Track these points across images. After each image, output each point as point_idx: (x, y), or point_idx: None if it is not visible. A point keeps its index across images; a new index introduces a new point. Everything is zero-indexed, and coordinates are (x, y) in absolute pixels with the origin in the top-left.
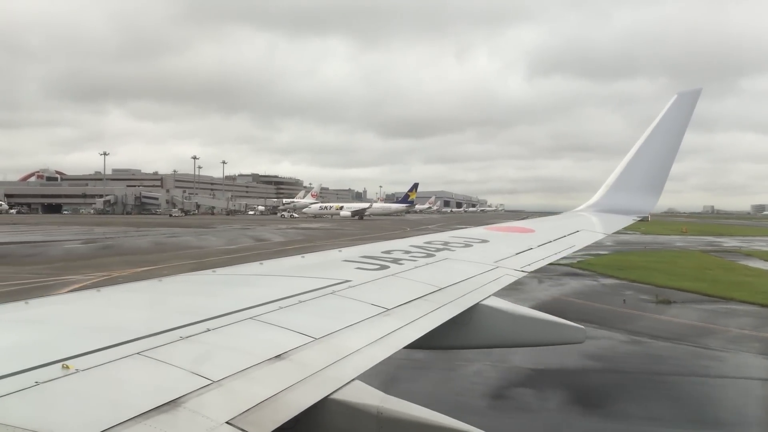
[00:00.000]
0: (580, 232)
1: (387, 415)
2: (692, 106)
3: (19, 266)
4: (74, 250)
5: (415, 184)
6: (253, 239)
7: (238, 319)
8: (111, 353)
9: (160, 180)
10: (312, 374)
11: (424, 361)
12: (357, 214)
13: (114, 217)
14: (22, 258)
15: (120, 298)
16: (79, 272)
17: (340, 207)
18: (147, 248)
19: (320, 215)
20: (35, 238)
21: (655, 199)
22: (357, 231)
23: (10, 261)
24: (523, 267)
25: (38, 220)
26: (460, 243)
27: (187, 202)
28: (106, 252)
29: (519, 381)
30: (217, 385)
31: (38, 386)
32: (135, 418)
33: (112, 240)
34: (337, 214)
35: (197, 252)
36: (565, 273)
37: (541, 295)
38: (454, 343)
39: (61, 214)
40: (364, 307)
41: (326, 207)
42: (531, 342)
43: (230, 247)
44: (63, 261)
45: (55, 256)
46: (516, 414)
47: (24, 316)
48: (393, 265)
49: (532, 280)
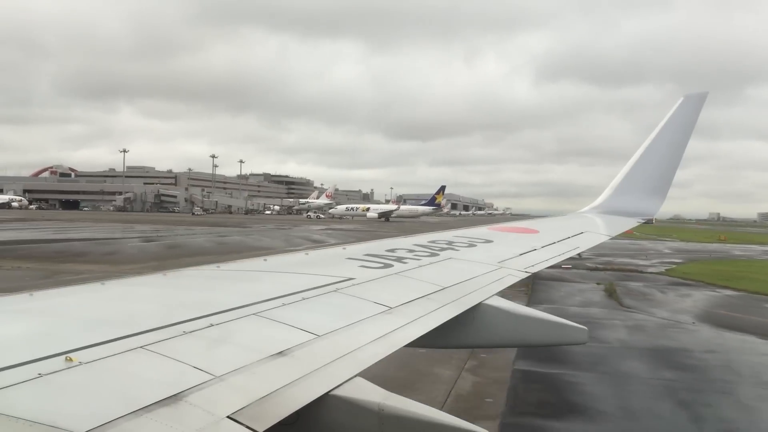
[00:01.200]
0: (584, 234)
1: (388, 412)
2: (698, 109)
3: (114, 265)
4: (147, 249)
5: (442, 187)
6: (306, 240)
7: (241, 315)
8: (114, 346)
9: (174, 178)
10: (314, 370)
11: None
12: (383, 216)
13: (137, 215)
14: (105, 256)
15: (124, 291)
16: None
17: (367, 208)
18: (213, 248)
19: (346, 216)
20: (92, 236)
21: (660, 201)
22: (395, 233)
23: (99, 259)
24: (527, 268)
25: (67, 216)
26: (464, 243)
27: (207, 201)
28: (179, 252)
29: None
30: (219, 379)
31: (41, 378)
32: (138, 411)
33: (170, 239)
34: (364, 216)
35: (269, 253)
36: (675, 283)
37: (685, 306)
38: (457, 342)
39: (82, 211)
40: (367, 305)
41: (352, 208)
42: (533, 342)
43: (295, 250)
44: (156, 260)
45: (137, 255)
46: None
47: (28, 308)
48: (397, 263)
49: (652, 290)
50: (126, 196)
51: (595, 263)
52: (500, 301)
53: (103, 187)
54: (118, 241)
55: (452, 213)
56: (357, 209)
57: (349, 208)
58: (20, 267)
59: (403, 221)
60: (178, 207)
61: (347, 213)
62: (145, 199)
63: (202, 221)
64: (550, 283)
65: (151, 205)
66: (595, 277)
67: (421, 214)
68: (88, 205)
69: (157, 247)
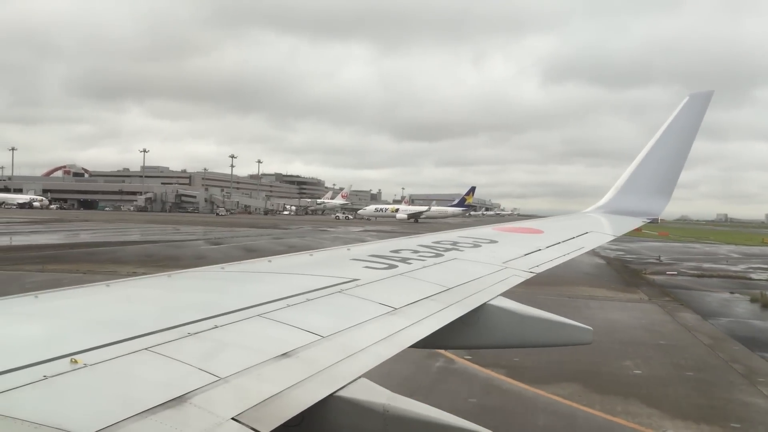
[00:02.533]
0: (589, 234)
1: (393, 413)
2: (704, 108)
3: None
4: (228, 253)
5: (472, 188)
6: (360, 241)
7: (246, 317)
8: (119, 348)
9: (189, 178)
10: (318, 372)
11: None
12: (413, 217)
13: (161, 215)
14: (199, 261)
15: (129, 293)
16: None
17: (396, 209)
18: (284, 251)
19: (375, 217)
20: (154, 238)
21: (666, 201)
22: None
23: (197, 263)
24: (532, 268)
25: (100, 217)
26: (469, 243)
27: (228, 201)
28: (257, 255)
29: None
30: (224, 381)
31: (46, 380)
32: (142, 413)
33: (232, 241)
34: (393, 217)
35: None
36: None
37: None
38: (461, 343)
39: (103, 211)
40: (371, 306)
41: (381, 209)
42: (539, 342)
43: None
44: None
45: (235, 257)
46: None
47: (33, 309)
48: (401, 264)
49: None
50: (147, 196)
51: (686, 267)
52: (505, 302)
53: (121, 187)
54: (186, 243)
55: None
56: (386, 210)
57: (378, 209)
58: (135, 272)
59: (433, 222)
60: (197, 207)
61: (376, 214)
62: (165, 200)
63: (232, 222)
64: (682, 291)
65: (171, 205)
66: (713, 285)
67: (451, 215)
68: (109, 206)
69: (235, 250)
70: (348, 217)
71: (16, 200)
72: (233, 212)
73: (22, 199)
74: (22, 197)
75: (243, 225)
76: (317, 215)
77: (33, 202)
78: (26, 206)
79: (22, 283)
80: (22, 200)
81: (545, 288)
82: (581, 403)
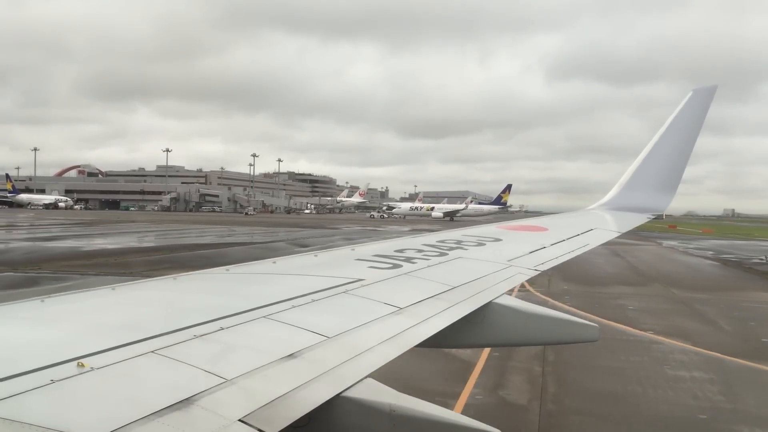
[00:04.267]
0: (593, 231)
1: (400, 412)
2: (708, 103)
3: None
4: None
5: (508, 186)
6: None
7: (251, 318)
8: (126, 351)
9: (205, 177)
10: (324, 372)
11: None
12: (449, 215)
13: (190, 215)
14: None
15: (135, 296)
16: None
17: (431, 208)
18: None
19: (410, 215)
20: (226, 240)
21: (670, 197)
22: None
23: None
24: (537, 266)
25: (139, 217)
26: (473, 242)
27: (253, 201)
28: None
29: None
30: (230, 383)
31: (54, 384)
32: (149, 416)
33: (317, 241)
34: (428, 215)
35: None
36: None
37: None
38: (467, 342)
39: (128, 211)
40: (376, 306)
41: (416, 207)
42: (544, 340)
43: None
44: None
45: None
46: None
47: (40, 314)
48: (406, 264)
49: None
50: (171, 196)
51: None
52: (510, 300)
53: (143, 187)
54: (275, 245)
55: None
56: (421, 209)
57: (412, 208)
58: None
59: (467, 220)
60: (221, 207)
61: (411, 212)
62: (189, 199)
63: (271, 221)
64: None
65: (194, 204)
66: None
67: (488, 213)
68: (133, 205)
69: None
70: (383, 216)
71: (42, 201)
72: (256, 211)
73: (48, 200)
74: (47, 198)
75: (288, 225)
76: (334, 213)
77: (58, 203)
78: (51, 207)
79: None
80: (48, 201)
81: (715, 294)
82: None
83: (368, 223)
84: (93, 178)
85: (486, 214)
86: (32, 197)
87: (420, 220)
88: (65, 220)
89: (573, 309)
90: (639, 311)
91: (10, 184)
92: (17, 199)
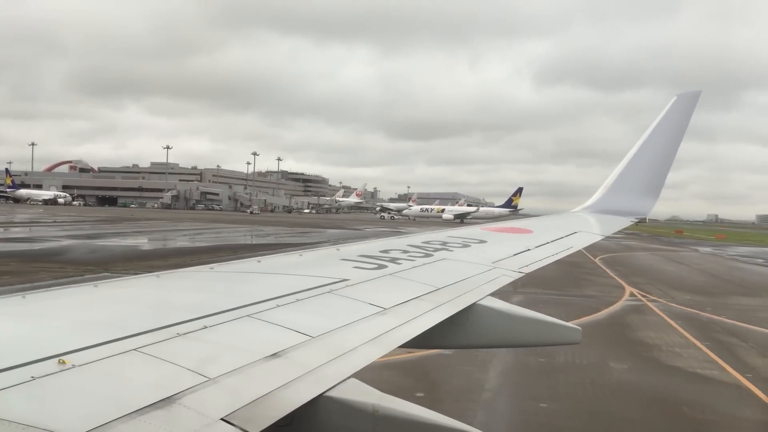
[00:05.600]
0: (578, 233)
1: (383, 413)
2: (691, 109)
3: None
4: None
5: (519, 189)
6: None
7: (235, 317)
8: (108, 349)
9: (199, 175)
10: (308, 372)
11: None
12: (459, 218)
13: (198, 213)
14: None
15: (118, 293)
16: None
17: (442, 210)
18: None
19: (420, 217)
20: (271, 241)
21: (654, 200)
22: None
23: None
24: (521, 268)
25: (147, 215)
26: (458, 243)
27: (255, 199)
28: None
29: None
30: (213, 382)
31: (34, 381)
32: (131, 414)
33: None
34: (439, 217)
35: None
36: None
37: None
38: (451, 343)
39: (129, 208)
40: (361, 306)
41: (427, 209)
42: (527, 342)
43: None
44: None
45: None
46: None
47: (21, 310)
48: (391, 264)
49: None
50: (172, 193)
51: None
52: (494, 302)
53: (141, 183)
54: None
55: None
56: (431, 210)
57: (423, 209)
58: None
59: (478, 222)
60: (219, 205)
61: (421, 214)
62: (189, 197)
63: (287, 221)
64: None
65: (194, 202)
66: None
67: (498, 215)
68: (133, 202)
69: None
70: (393, 217)
71: (41, 196)
72: (260, 211)
73: (47, 195)
74: (46, 193)
75: (305, 225)
76: (331, 213)
77: (57, 199)
78: (50, 202)
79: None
80: (47, 196)
81: None
82: None
83: (383, 224)
84: (87, 173)
85: (497, 217)
86: (31, 193)
87: (431, 222)
88: (83, 217)
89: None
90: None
91: (9, 179)
92: (16, 194)
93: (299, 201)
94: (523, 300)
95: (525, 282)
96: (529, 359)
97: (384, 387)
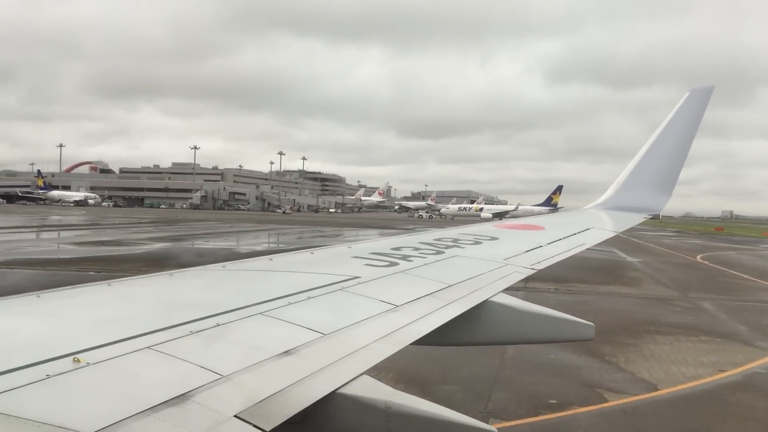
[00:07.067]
0: (590, 230)
1: (396, 410)
2: (705, 103)
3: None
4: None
5: (558, 187)
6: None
7: (247, 315)
8: (121, 347)
9: (221, 174)
10: (320, 369)
11: None
12: (498, 216)
13: (228, 213)
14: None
15: (131, 292)
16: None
17: (480, 209)
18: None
19: (458, 216)
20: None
21: (667, 197)
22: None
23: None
24: (533, 265)
25: (188, 216)
26: (470, 240)
27: (284, 199)
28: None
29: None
30: (226, 379)
31: (49, 379)
32: (145, 412)
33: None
34: (477, 216)
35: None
36: None
37: None
38: (463, 340)
39: (159, 208)
40: (372, 303)
41: (464, 208)
42: (540, 339)
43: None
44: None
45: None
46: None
47: (35, 309)
48: (402, 261)
49: None
50: (201, 194)
51: None
52: (506, 298)
53: (167, 184)
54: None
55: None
56: (470, 209)
57: (461, 208)
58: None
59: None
60: (246, 205)
61: (459, 213)
62: (217, 197)
63: (331, 221)
64: None
65: (222, 202)
66: None
67: (538, 214)
68: (161, 202)
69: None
70: (431, 217)
71: (73, 198)
72: (294, 211)
73: (78, 197)
74: (77, 195)
75: (353, 225)
76: (354, 212)
77: (88, 200)
78: (81, 204)
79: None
80: (78, 198)
81: None
82: None
83: (424, 224)
84: (110, 174)
85: (537, 215)
86: (63, 194)
87: (470, 221)
88: (130, 218)
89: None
90: None
91: (41, 180)
92: (49, 196)
93: (325, 200)
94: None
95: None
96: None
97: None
